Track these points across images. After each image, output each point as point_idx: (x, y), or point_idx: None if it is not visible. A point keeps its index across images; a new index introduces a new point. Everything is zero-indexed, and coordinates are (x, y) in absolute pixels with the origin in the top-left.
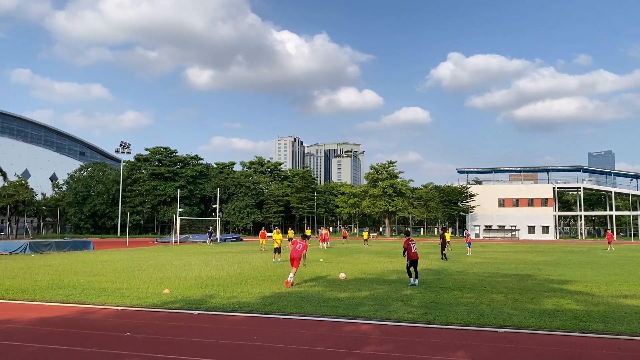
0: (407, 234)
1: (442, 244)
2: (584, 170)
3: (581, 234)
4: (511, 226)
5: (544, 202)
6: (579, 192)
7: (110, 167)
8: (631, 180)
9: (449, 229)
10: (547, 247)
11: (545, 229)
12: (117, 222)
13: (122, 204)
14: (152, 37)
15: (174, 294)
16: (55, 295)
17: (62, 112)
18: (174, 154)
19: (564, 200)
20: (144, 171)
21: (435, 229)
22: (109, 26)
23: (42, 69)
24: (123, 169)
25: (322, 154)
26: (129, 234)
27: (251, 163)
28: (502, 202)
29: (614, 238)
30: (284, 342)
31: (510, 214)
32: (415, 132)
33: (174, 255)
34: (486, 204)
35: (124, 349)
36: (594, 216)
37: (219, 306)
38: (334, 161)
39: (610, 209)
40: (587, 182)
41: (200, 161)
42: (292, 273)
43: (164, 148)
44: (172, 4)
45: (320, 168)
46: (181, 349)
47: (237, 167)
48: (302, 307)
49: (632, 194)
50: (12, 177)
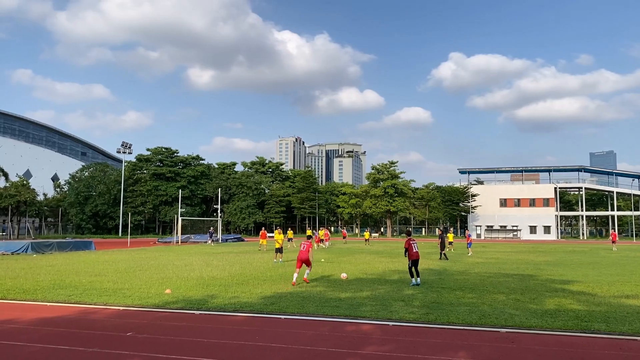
0: (409, 234)
1: (441, 244)
2: (586, 170)
3: (583, 234)
4: (513, 226)
5: (546, 202)
6: (581, 192)
7: (111, 167)
8: (633, 180)
9: (450, 229)
10: (549, 247)
11: (546, 229)
12: (119, 223)
13: (123, 204)
14: (153, 38)
15: (175, 294)
16: (56, 295)
17: (64, 113)
18: (175, 154)
19: (565, 200)
20: (145, 171)
21: (437, 229)
22: (110, 26)
23: (43, 69)
24: (124, 169)
25: (324, 154)
26: (130, 234)
27: (252, 163)
28: (503, 202)
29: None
30: (285, 342)
31: (512, 214)
32: (416, 132)
33: (176, 256)
34: (488, 204)
35: (125, 349)
36: (596, 216)
37: (221, 306)
38: (336, 161)
39: (612, 209)
40: (588, 182)
41: (202, 161)
42: (295, 273)
43: (166, 148)
44: (173, 4)
45: (322, 168)
46: (183, 349)
47: (239, 168)
48: (303, 307)
49: (633, 194)
50: (13, 178)
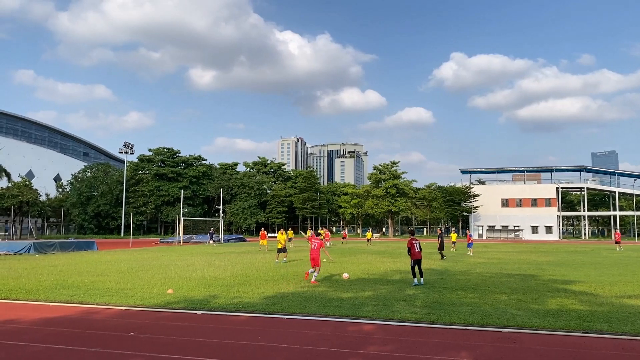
0: (412, 234)
1: (441, 244)
2: (588, 170)
3: (585, 234)
4: (514, 226)
5: (548, 202)
6: (583, 192)
7: (113, 167)
8: (635, 180)
9: (452, 229)
10: (551, 247)
11: (548, 229)
12: (121, 223)
13: (125, 205)
14: (155, 38)
15: (177, 294)
16: (59, 295)
17: (66, 113)
18: (177, 154)
19: (567, 200)
20: (147, 172)
21: (437, 229)
22: (111, 27)
23: (45, 70)
24: (126, 169)
25: (325, 154)
26: (132, 235)
27: (254, 163)
28: (505, 202)
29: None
30: (287, 342)
31: (514, 214)
32: (418, 132)
33: (178, 256)
34: (489, 204)
35: (127, 349)
36: (598, 216)
37: (223, 306)
38: (337, 161)
39: (614, 209)
40: (590, 182)
41: (204, 162)
42: (315, 272)
43: (167, 149)
44: (175, 4)
45: (324, 168)
46: (185, 349)
47: (241, 168)
48: (305, 307)
49: (635, 194)
50: (16, 178)
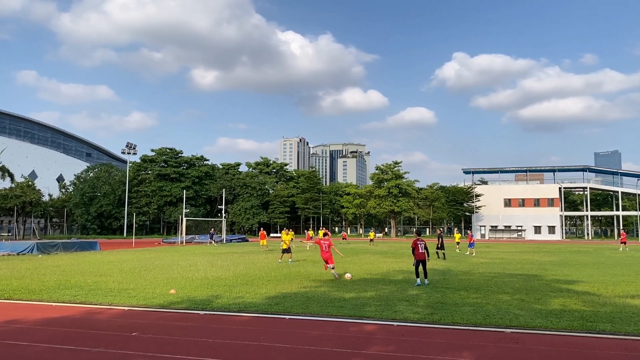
0: (418, 234)
1: (441, 244)
2: (591, 170)
3: (588, 234)
4: (517, 226)
5: (550, 202)
6: (586, 192)
7: (116, 168)
8: (638, 180)
9: (455, 229)
10: (554, 247)
11: (551, 229)
12: (124, 223)
13: (128, 205)
14: (157, 39)
15: (180, 294)
16: (62, 295)
17: (68, 114)
18: (179, 154)
19: (570, 200)
20: (149, 172)
21: (438, 229)
22: (113, 28)
23: (48, 70)
24: (129, 169)
25: (328, 154)
26: (135, 235)
27: (257, 164)
28: (507, 202)
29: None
30: (289, 342)
31: (516, 214)
32: (420, 132)
33: (180, 256)
34: (492, 204)
35: (130, 349)
36: (601, 216)
37: (225, 306)
38: (340, 162)
39: (617, 209)
40: (593, 182)
41: (206, 162)
42: (332, 270)
43: (170, 149)
44: (177, 5)
45: (326, 168)
46: (187, 349)
47: (243, 168)
48: (307, 308)
49: (638, 194)
50: (19, 179)
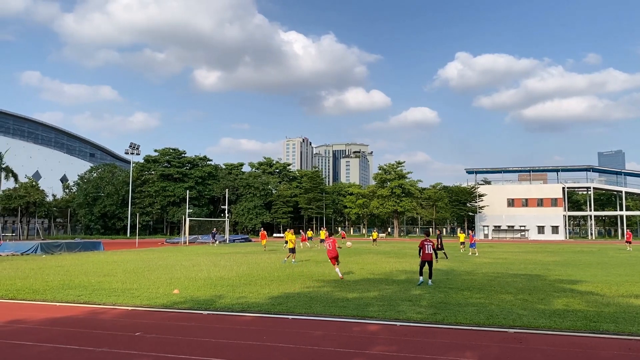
0: (427, 234)
1: (440, 245)
2: (594, 169)
3: (591, 234)
4: (520, 226)
5: (554, 202)
6: (589, 192)
7: (119, 168)
8: None
9: (459, 229)
10: (557, 247)
11: (554, 229)
12: (127, 223)
13: (131, 205)
14: (160, 39)
15: (183, 294)
16: (66, 295)
17: (72, 114)
18: (182, 155)
19: (573, 200)
20: (153, 172)
21: (444, 229)
22: (116, 28)
23: (51, 71)
24: (132, 170)
25: (331, 154)
26: (138, 235)
27: (260, 164)
28: (511, 202)
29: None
30: (293, 342)
31: (520, 214)
32: (423, 132)
33: (183, 256)
34: (495, 204)
35: (134, 349)
36: (604, 216)
37: (228, 306)
38: (342, 162)
39: (621, 209)
40: (597, 182)
41: (209, 162)
42: (336, 269)
43: (173, 149)
44: (180, 5)
45: (329, 169)
46: (191, 349)
47: (246, 168)
48: (311, 308)
49: None
50: (23, 179)
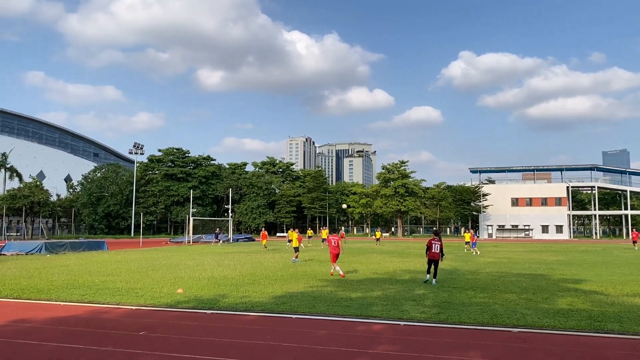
0: (436, 234)
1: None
2: (599, 169)
3: (596, 233)
4: (524, 226)
5: (558, 201)
6: (594, 191)
7: (123, 168)
8: None
9: (462, 229)
10: (561, 246)
11: (559, 229)
12: (131, 223)
13: (135, 205)
14: (164, 39)
15: (187, 293)
16: (70, 295)
17: (76, 114)
18: (186, 154)
19: (578, 199)
20: (157, 172)
21: (448, 228)
22: (120, 28)
23: (55, 71)
24: (136, 169)
25: (334, 154)
26: (142, 234)
27: (263, 163)
28: (515, 202)
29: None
30: (296, 341)
31: (524, 214)
32: (426, 131)
33: (187, 255)
34: (499, 203)
35: (138, 348)
36: (609, 215)
37: (232, 306)
38: (346, 161)
39: (626, 208)
40: (601, 181)
41: (213, 162)
42: (337, 267)
43: (177, 149)
44: (183, 5)
45: (332, 168)
46: (195, 348)
47: (249, 168)
48: (314, 307)
49: None
50: (27, 179)
